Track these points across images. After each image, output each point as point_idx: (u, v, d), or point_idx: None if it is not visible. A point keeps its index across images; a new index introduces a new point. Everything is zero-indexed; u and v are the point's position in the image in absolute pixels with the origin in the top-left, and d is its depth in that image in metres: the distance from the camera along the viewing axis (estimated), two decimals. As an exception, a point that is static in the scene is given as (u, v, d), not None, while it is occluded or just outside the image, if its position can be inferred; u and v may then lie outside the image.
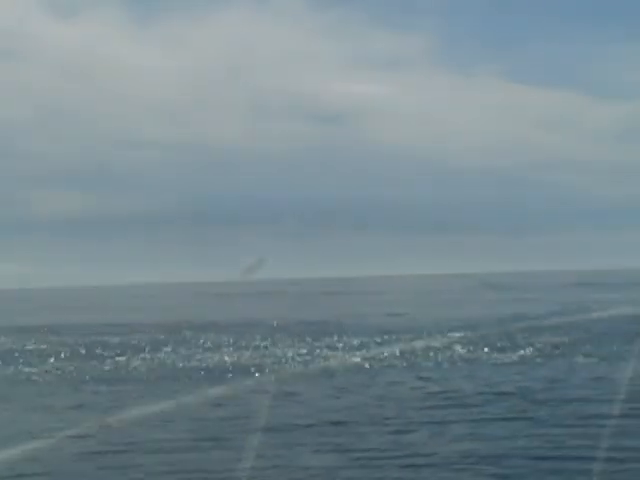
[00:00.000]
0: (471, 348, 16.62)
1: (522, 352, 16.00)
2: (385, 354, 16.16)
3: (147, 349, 17.61)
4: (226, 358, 16.23)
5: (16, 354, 17.08)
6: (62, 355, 16.97)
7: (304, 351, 16.84)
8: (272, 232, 42.31)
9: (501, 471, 7.83)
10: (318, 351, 16.84)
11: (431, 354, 15.83)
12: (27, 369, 15.43)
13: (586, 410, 10.25)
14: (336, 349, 17.15)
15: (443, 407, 10.91)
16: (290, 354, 16.43)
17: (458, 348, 16.63)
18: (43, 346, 17.69)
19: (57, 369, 15.39)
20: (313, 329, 19.61)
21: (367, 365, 14.96)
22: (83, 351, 17.37)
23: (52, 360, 16.42)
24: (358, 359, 15.69)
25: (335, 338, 18.43)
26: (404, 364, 14.76)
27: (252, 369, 14.28)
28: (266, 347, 17.87)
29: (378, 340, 18.26)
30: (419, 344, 17.34)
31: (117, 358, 16.47)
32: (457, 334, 18.91)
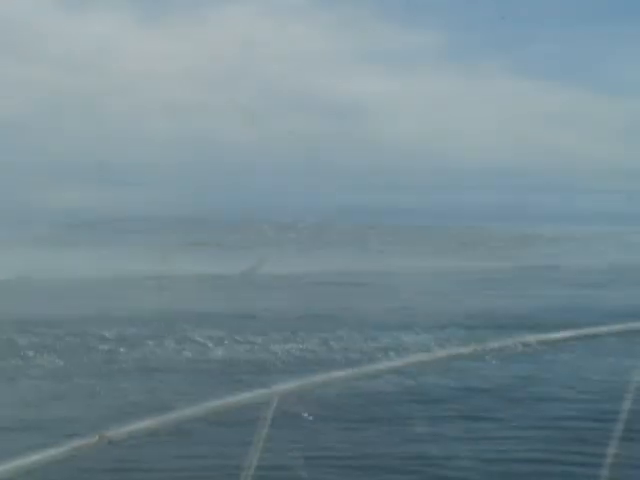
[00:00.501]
0: (462, 342, 16.61)
1: (512, 347, 15.95)
2: (373, 348, 16.27)
3: (140, 342, 17.51)
4: (219, 353, 16.36)
5: (5, 348, 17.05)
6: (53, 348, 16.92)
7: (296, 345, 16.93)
8: (280, 227, 42.18)
9: (451, 474, 7.85)
10: (309, 346, 16.92)
11: (419, 349, 15.90)
12: (17, 362, 15.31)
13: (558, 411, 10.23)
14: (327, 344, 17.14)
15: (408, 402, 10.94)
16: (283, 348, 16.57)
17: (449, 342, 16.68)
18: (35, 339, 17.66)
19: (47, 362, 15.35)
20: (309, 323, 19.63)
21: (351, 359, 15.02)
22: (76, 344, 17.37)
23: (44, 354, 16.24)
24: (345, 353, 15.86)
25: (329, 333, 18.44)
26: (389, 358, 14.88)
27: (241, 364, 14.82)
28: (260, 342, 17.88)
29: (371, 334, 18.20)
30: (410, 339, 17.34)
31: (111, 351, 16.45)
32: (451, 329, 18.81)
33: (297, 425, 9.13)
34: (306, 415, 9.67)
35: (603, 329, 3.34)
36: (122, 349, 16.68)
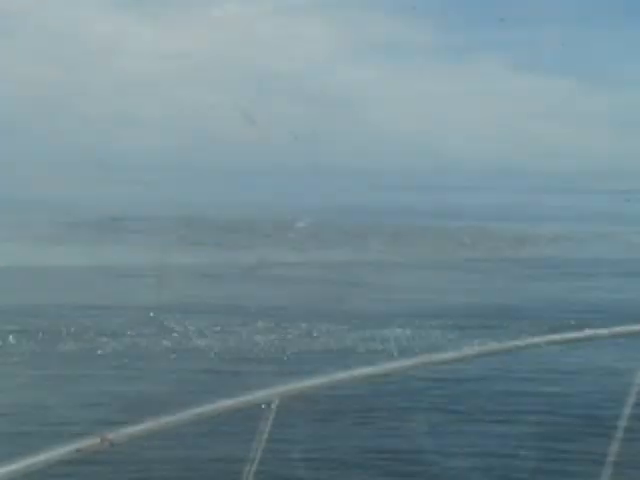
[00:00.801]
0: (446, 335, 16.64)
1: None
2: (351, 340, 16.36)
3: (120, 332, 17.58)
4: (199, 342, 16.53)
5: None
6: (30, 337, 17.03)
7: (276, 336, 17.07)
8: (279, 227, 42.17)
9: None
10: (290, 337, 17.05)
11: (400, 341, 15.97)
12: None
13: (529, 406, 10.25)
14: (308, 335, 17.23)
15: (375, 396, 10.93)
16: (263, 339, 16.78)
17: (432, 336, 16.70)
18: (13, 327, 17.73)
19: (21, 352, 15.49)
20: (292, 314, 19.69)
21: (326, 350, 15.23)
22: (54, 333, 17.45)
23: (25, 341, 16.38)
24: (322, 345, 16.02)
25: (310, 324, 18.51)
26: (365, 351, 15.02)
27: (215, 353, 15.25)
28: (245, 333, 17.98)
29: (353, 325, 18.23)
30: (392, 332, 17.39)
31: (88, 341, 16.52)
32: (437, 321, 18.76)
33: (298, 425, 9.16)
34: (306, 415, 9.71)
35: (604, 331, 3.35)
36: (104, 339, 16.82)
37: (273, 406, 2.67)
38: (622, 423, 3.22)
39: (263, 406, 2.67)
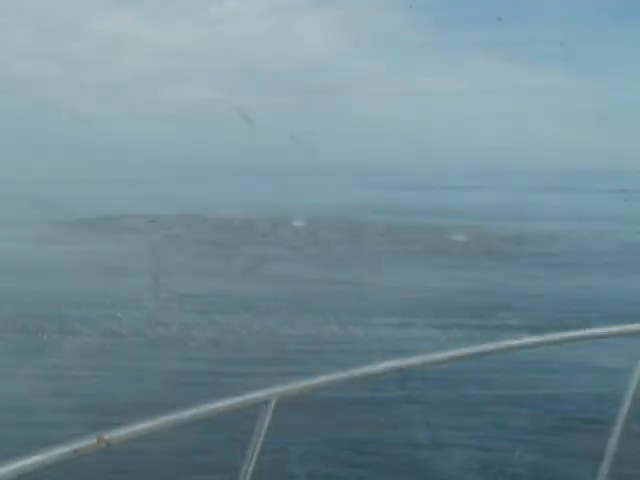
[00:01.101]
0: (445, 334, 16.69)
1: (482, 332, 16.23)
2: (347, 339, 16.45)
3: (117, 331, 17.66)
4: (196, 340, 16.69)
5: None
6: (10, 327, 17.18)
7: (270, 334, 17.24)
8: (277, 226, 42.23)
9: (410, 467, 7.92)
10: (284, 335, 17.19)
11: (398, 340, 16.06)
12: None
13: (527, 405, 10.32)
14: (304, 333, 17.29)
15: (372, 395, 10.99)
16: (258, 336, 16.98)
17: (430, 335, 16.78)
18: (11, 327, 17.87)
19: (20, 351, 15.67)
20: (287, 312, 19.77)
21: (324, 349, 15.35)
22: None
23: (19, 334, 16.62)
24: (319, 343, 16.16)
25: (305, 322, 18.55)
26: (363, 350, 15.15)
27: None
28: (239, 330, 18.07)
29: (350, 323, 18.23)
30: (389, 331, 17.41)
31: (85, 339, 16.62)
32: (436, 320, 18.73)
33: (295, 425, 9.18)
34: (304, 414, 9.73)
35: (602, 330, 3.35)
36: (101, 337, 16.89)
37: (271, 406, 2.67)
38: (620, 422, 3.22)
39: (260, 406, 2.67)
